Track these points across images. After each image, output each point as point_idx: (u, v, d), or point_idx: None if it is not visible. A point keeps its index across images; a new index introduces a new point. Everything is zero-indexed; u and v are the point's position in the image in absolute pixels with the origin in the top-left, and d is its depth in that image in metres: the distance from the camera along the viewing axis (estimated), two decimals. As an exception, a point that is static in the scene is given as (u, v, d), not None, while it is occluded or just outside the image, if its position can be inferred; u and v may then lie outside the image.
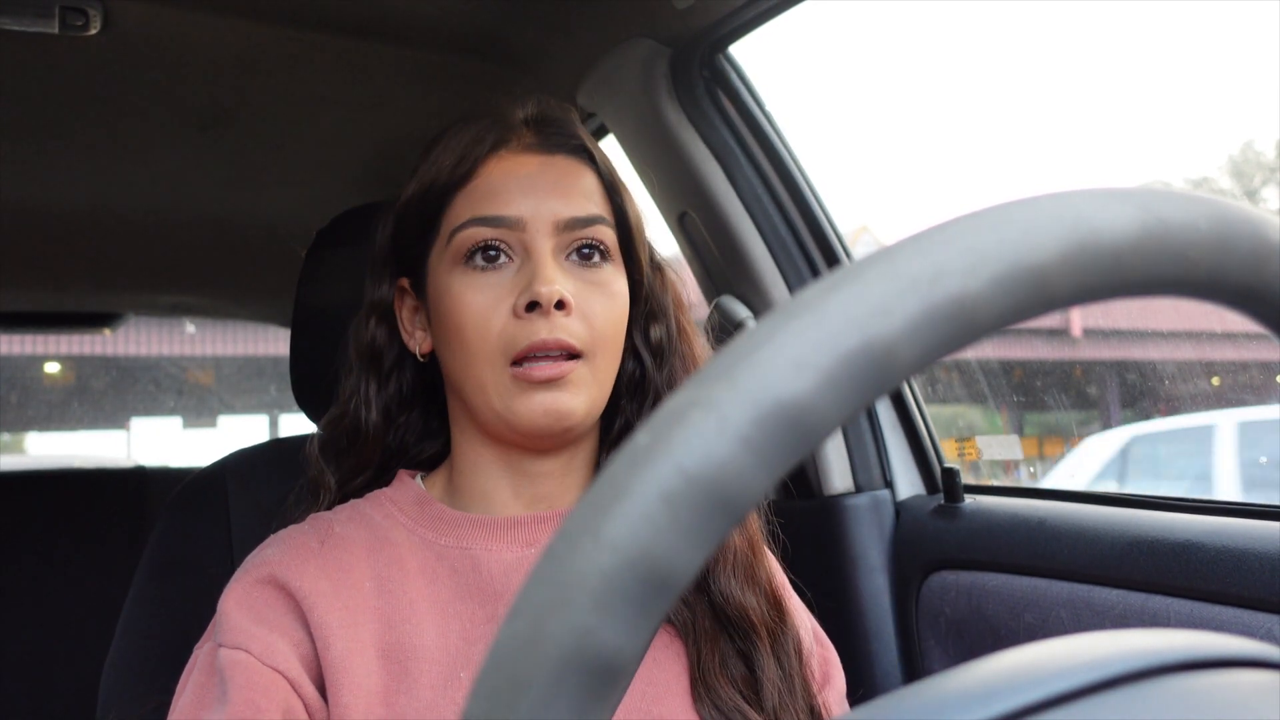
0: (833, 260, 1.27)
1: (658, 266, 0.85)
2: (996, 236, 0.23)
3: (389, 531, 0.77)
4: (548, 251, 0.74)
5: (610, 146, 1.41)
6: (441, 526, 0.77)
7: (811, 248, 1.26)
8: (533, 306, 0.72)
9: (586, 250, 0.76)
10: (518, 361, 0.72)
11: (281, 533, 0.77)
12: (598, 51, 1.26)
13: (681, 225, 1.32)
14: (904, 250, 0.23)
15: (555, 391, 0.72)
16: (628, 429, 0.82)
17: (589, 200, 0.78)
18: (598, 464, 0.82)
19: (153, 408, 9.97)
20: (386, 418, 0.82)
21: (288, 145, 1.56)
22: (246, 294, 2.37)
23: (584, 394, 0.74)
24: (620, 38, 1.23)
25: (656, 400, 0.82)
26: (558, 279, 0.73)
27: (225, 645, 0.68)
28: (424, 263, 0.80)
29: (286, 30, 1.22)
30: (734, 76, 1.27)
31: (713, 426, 0.21)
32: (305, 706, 0.67)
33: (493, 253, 0.75)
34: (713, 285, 1.32)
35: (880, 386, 0.22)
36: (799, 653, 0.78)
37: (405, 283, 0.83)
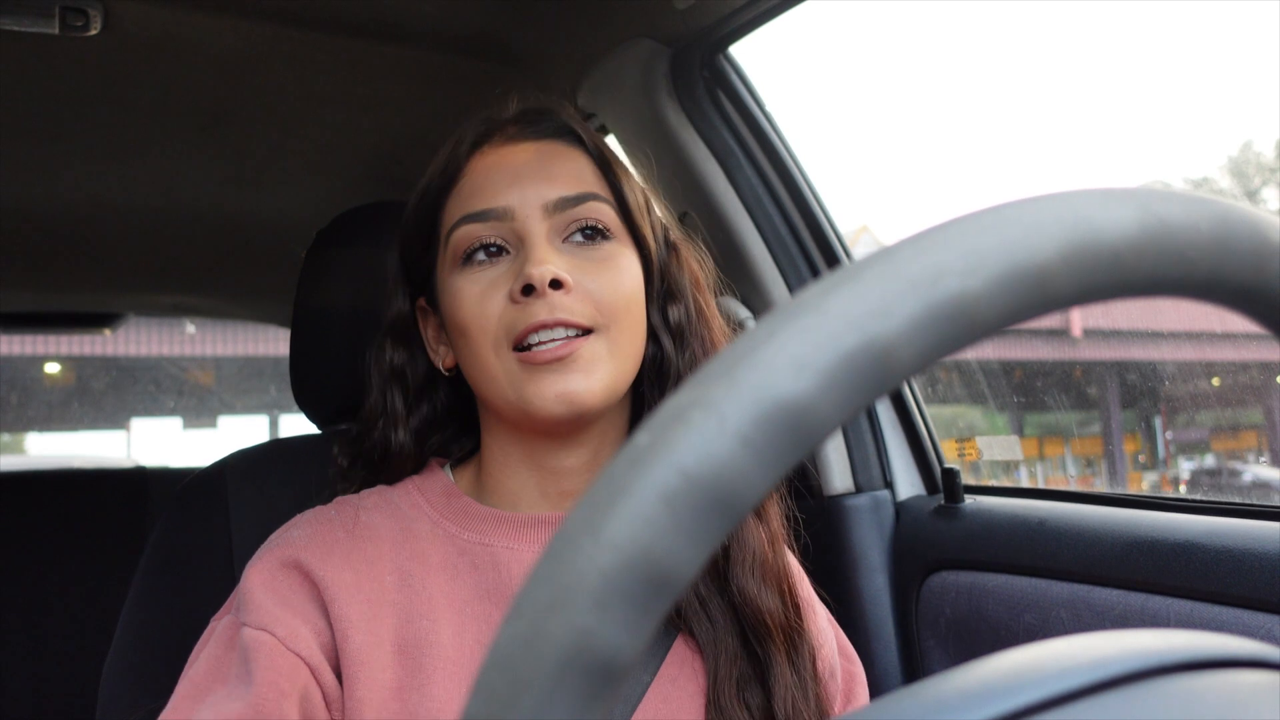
0: (833, 260, 1.27)
1: (673, 246, 0.83)
2: (997, 237, 0.23)
3: (414, 523, 0.76)
4: (541, 235, 0.73)
5: (610, 146, 1.41)
6: (466, 521, 0.76)
7: (811, 248, 1.26)
8: (529, 290, 0.70)
9: (588, 230, 0.75)
10: (522, 346, 0.71)
11: (308, 514, 0.77)
12: (598, 52, 1.26)
13: (681, 225, 1.32)
14: (904, 250, 0.23)
15: (565, 374, 0.70)
16: None
17: (578, 179, 0.76)
18: None
19: (153, 408, 9.97)
20: (418, 438, 0.81)
21: (288, 145, 1.56)
22: (246, 294, 2.37)
23: (599, 372, 0.72)
24: (620, 38, 1.23)
25: (679, 385, 0.79)
26: (552, 259, 0.71)
27: (249, 625, 0.68)
28: (434, 275, 0.79)
29: (287, 30, 1.22)
30: (734, 77, 1.27)
31: (713, 426, 0.21)
32: (323, 693, 0.67)
33: (490, 249, 0.74)
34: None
35: (880, 387, 0.22)
36: (814, 662, 0.77)
37: (423, 301, 0.82)
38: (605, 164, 0.78)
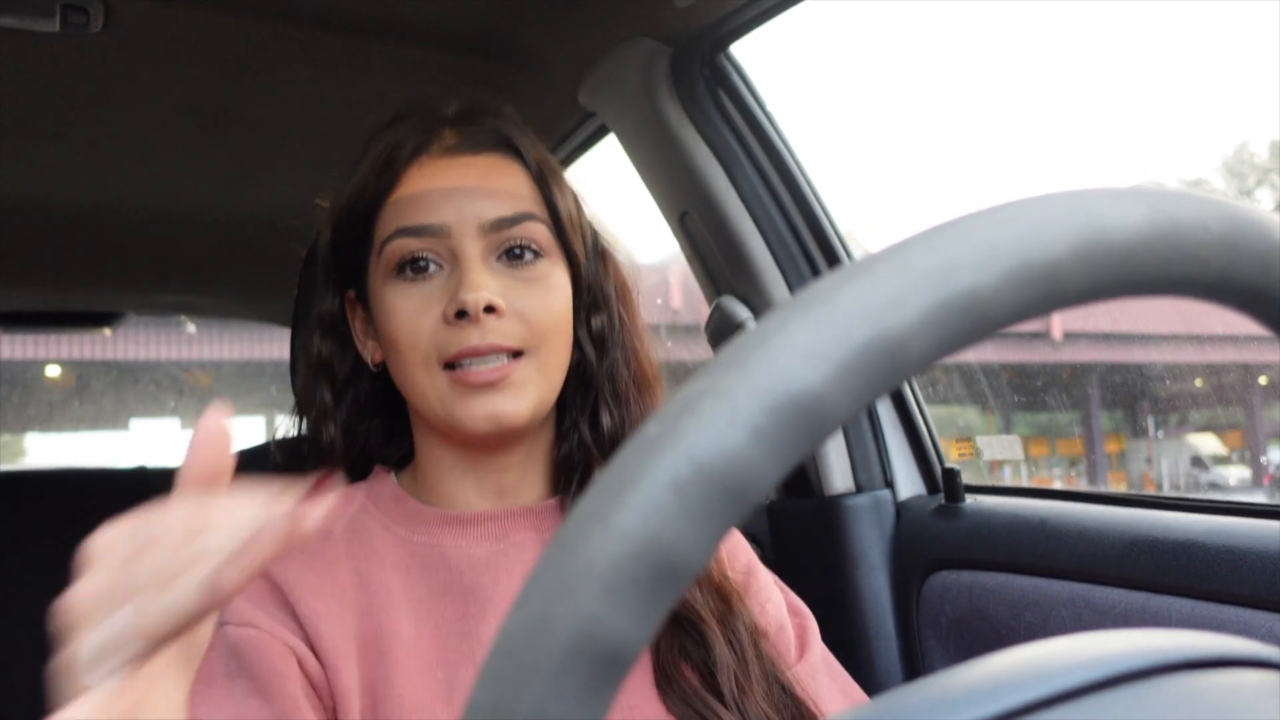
0: (834, 260, 1.27)
1: (602, 254, 0.84)
2: (1009, 232, 0.23)
3: (366, 525, 0.78)
4: (476, 255, 0.74)
5: (611, 145, 1.41)
6: (414, 523, 0.78)
7: (813, 248, 1.26)
8: (462, 314, 0.72)
9: (517, 250, 0.76)
10: (452, 365, 0.72)
11: None
12: (598, 51, 1.26)
13: (682, 225, 1.32)
14: (917, 244, 0.23)
15: (496, 395, 0.72)
16: (575, 426, 0.82)
17: (515, 198, 0.77)
18: (555, 456, 0.82)
19: (153, 409, 10.00)
20: (347, 430, 0.82)
21: (289, 143, 1.56)
22: (247, 293, 2.37)
23: (527, 394, 0.74)
24: (621, 37, 1.23)
25: (598, 394, 0.82)
26: (486, 283, 0.72)
27: (231, 623, 0.69)
28: (365, 273, 0.80)
29: (288, 28, 1.22)
30: (735, 76, 1.27)
31: (724, 416, 0.21)
32: (312, 683, 0.68)
33: (421, 264, 0.75)
34: (713, 285, 1.32)
35: (891, 379, 0.22)
36: (752, 632, 0.78)
37: (352, 295, 0.82)
38: (541, 178, 0.79)
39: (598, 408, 0.81)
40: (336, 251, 0.82)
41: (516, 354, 0.73)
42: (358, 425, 0.83)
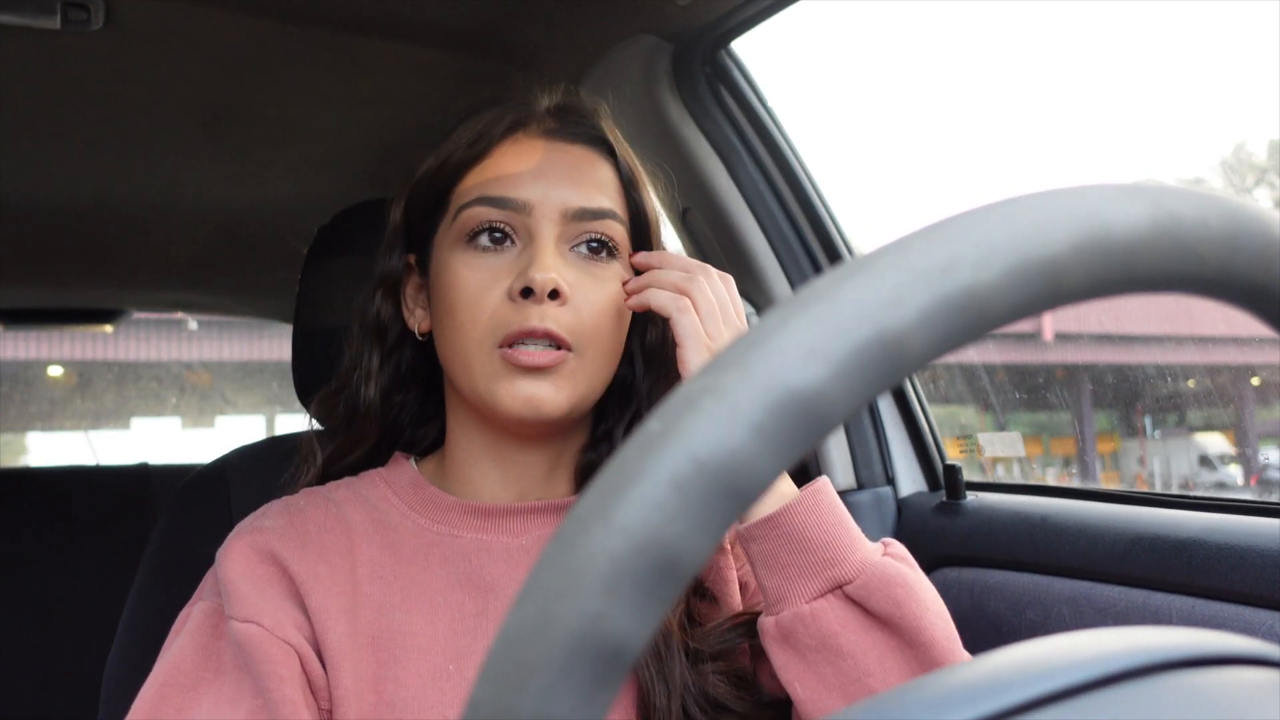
0: (835, 257, 1.27)
1: None
2: (1009, 229, 0.23)
3: (384, 514, 0.77)
4: (551, 239, 0.74)
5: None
6: (433, 512, 0.77)
7: (814, 244, 1.26)
8: (527, 292, 0.71)
9: (594, 244, 0.75)
10: (506, 344, 0.72)
11: (277, 504, 0.77)
12: (600, 47, 1.26)
13: (684, 222, 1.32)
14: (916, 241, 0.23)
15: (538, 381, 0.72)
16: (608, 436, 0.81)
17: (602, 193, 0.76)
18: (581, 461, 0.81)
19: (154, 408, 10.04)
20: (385, 396, 0.82)
21: (290, 141, 1.56)
22: (248, 290, 2.37)
23: (568, 388, 0.73)
24: (622, 34, 1.23)
25: (639, 412, 0.81)
26: (556, 267, 0.72)
27: (236, 618, 0.68)
28: (431, 239, 0.79)
29: (289, 26, 1.22)
30: (736, 72, 1.27)
31: (724, 413, 0.21)
32: (311, 683, 0.68)
33: (497, 234, 0.74)
34: (714, 282, 1.32)
35: (891, 377, 0.22)
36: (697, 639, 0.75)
37: (412, 259, 0.82)
38: (631, 182, 0.79)
39: (641, 419, 0.79)
40: (409, 214, 0.81)
41: (566, 347, 0.73)
42: (394, 394, 0.83)
